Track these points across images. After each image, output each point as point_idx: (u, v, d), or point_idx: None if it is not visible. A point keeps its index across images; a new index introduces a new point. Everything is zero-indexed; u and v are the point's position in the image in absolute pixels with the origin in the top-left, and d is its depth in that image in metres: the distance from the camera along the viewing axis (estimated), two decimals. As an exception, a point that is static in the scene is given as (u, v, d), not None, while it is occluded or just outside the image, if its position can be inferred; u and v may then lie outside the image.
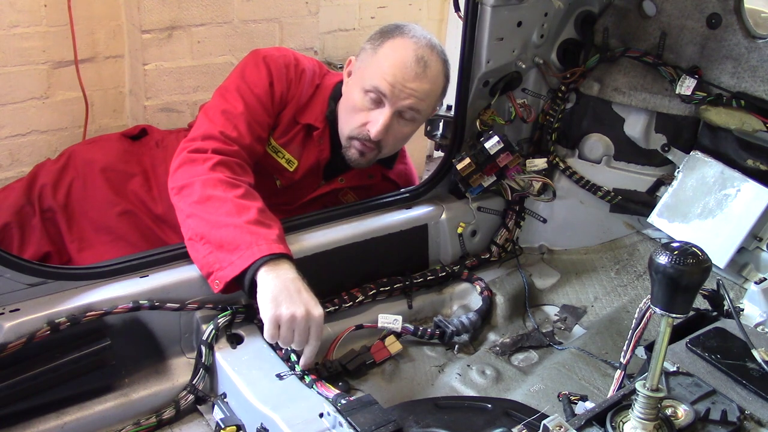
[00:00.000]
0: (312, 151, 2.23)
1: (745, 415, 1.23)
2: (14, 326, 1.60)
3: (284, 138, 2.21)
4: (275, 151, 2.21)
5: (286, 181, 2.25)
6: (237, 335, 1.82)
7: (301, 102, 2.20)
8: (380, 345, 1.98)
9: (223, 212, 1.82)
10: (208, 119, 2.08)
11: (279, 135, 2.21)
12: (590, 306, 2.34)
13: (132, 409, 1.71)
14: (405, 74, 2.05)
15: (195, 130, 2.07)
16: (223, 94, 2.14)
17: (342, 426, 1.44)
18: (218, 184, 1.89)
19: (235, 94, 2.11)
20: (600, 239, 2.49)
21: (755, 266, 2.16)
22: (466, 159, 2.27)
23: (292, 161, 2.23)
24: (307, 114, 2.21)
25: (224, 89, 2.16)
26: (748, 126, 2.08)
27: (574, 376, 1.96)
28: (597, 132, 2.43)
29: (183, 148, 2.02)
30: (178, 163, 1.99)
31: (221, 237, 1.77)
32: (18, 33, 3.08)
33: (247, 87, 2.12)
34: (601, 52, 2.31)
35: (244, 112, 2.08)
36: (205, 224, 1.81)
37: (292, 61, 2.19)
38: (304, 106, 2.20)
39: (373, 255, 2.14)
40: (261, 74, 2.13)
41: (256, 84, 2.12)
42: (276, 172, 2.24)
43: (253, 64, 2.16)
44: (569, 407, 1.67)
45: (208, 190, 1.87)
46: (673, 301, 1.08)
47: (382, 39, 2.12)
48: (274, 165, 2.23)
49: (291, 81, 2.17)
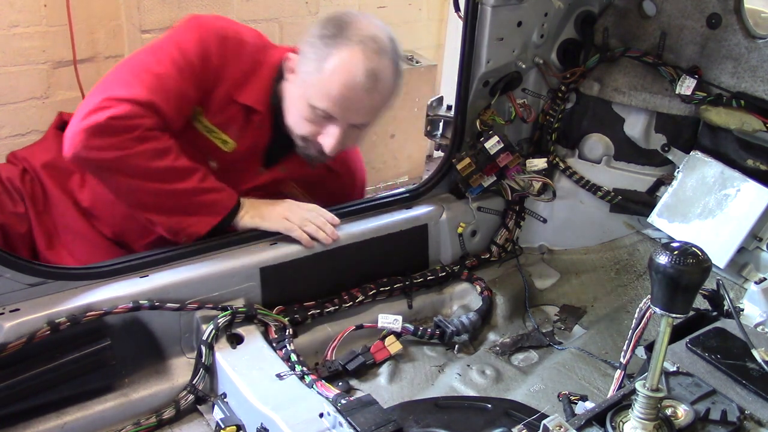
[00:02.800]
0: (250, 133, 2.06)
1: (745, 415, 1.23)
2: (14, 326, 1.60)
3: (219, 117, 2.01)
4: (208, 130, 2.02)
5: (222, 162, 2.06)
6: (237, 335, 1.82)
7: (238, 79, 1.99)
8: (380, 345, 1.98)
9: (170, 180, 1.88)
10: (137, 78, 1.88)
11: (213, 114, 2.01)
12: (590, 306, 2.34)
13: (132, 409, 1.71)
14: (355, 95, 1.91)
15: (120, 85, 1.88)
16: (155, 54, 1.93)
17: (342, 426, 1.44)
18: (154, 156, 1.85)
19: (168, 61, 1.90)
20: (600, 239, 2.49)
21: (755, 266, 2.16)
22: (466, 159, 2.27)
23: (228, 142, 2.04)
24: (245, 93, 2.00)
25: (157, 50, 1.95)
26: (748, 126, 2.08)
27: (574, 376, 1.96)
28: (597, 132, 2.43)
29: (102, 106, 1.81)
30: (95, 125, 1.80)
31: (178, 203, 1.90)
32: (18, 33, 3.09)
33: (182, 56, 1.91)
34: (601, 52, 2.31)
35: (175, 85, 1.89)
36: (156, 196, 1.88)
37: (231, 33, 1.99)
38: (241, 84, 1.99)
39: (373, 255, 2.14)
40: (196, 44, 1.93)
41: (191, 54, 1.91)
42: (210, 152, 2.05)
43: (189, 33, 1.95)
44: (569, 407, 1.67)
45: (146, 162, 1.85)
46: (673, 301, 1.08)
47: (326, 48, 1.90)
48: (207, 145, 2.03)
49: (228, 55, 1.96)
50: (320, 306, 2.01)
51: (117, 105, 1.81)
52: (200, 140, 2.01)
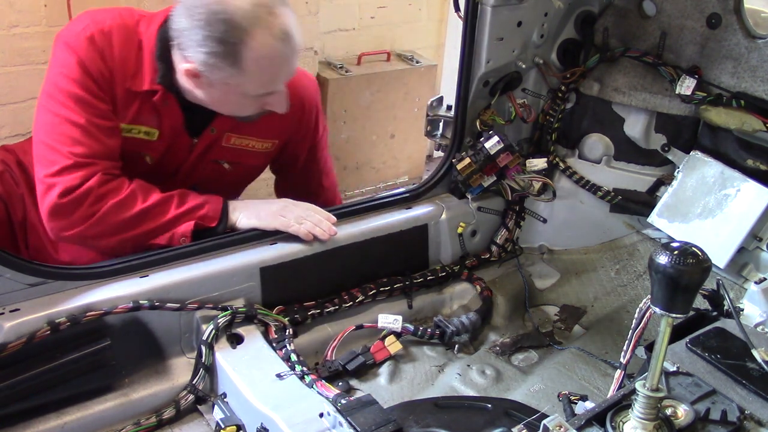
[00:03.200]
0: (164, 114, 1.98)
1: (745, 415, 1.23)
2: (14, 326, 1.60)
3: (129, 114, 1.94)
4: (127, 130, 1.96)
5: (155, 152, 2.03)
6: (237, 335, 1.82)
7: (128, 69, 1.90)
8: (380, 345, 1.98)
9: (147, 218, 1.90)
10: (58, 140, 1.85)
11: (122, 114, 1.94)
12: (590, 306, 2.34)
13: (132, 409, 1.71)
14: (283, 64, 1.90)
15: (48, 156, 1.86)
16: (54, 102, 1.87)
17: (342, 426, 1.44)
18: (122, 208, 1.87)
19: (71, 102, 1.85)
20: (600, 239, 2.49)
21: (755, 266, 2.16)
22: (466, 159, 2.27)
23: (150, 131, 1.99)
24: (138, 81, 1.92)
25: (51, 96, 1.88)
26: (748, 126, 2.08)
27: (574, 376, 1.96)
28: (597, 132, 2.43)
29: (47, 186, 1.84)
30: (51, 208, 1.84)
31: (167, 230, 1.92)
32: (18, 33, 3.08)
33: (77, 87, 1.84)
34: (601, 52, 2.31)
35: (92, 118, 1.86)
36: (145, 236, 1.91)
37: (94, 30, 1.86)
38: (131, 74, 1.91)
39: (373, 255, 2.14)
40: (79, 67, 1.84)
41: (78, 77, 1.84)
42: (140, 149, 2.01)
43: (66, 58, 1.86)
44: (569, 407, 1.67)
45: (118, 214, 1.87)
46: (673, 301, 1.08)
47: (230, 47, 1.79)
48: (133, 144, 1.98)
49: (103, 53, 1.86)
50: (320, 306, 2.01)
51: (58, 179, 1.82)
52: (126, 143, 1.97)
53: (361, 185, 4.31)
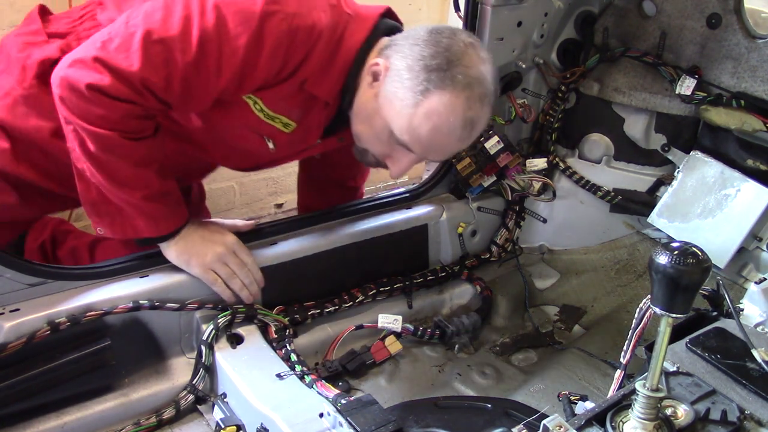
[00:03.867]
0: (315, 116, 1.85)
1: (745, 415, 1.23)
2: (14, 326, 1.60)
3: (283, 105, 1.79)
4: (269, 117, 1.80)
5: (279, 141, 1.88)
6: (237, 335, 1.82)
7: (313, 72, 1.73)
8: (380, 345, 1.98)
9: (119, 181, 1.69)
10: (146, 51, 1.58)
11: (276, 102, 1.78)
12: (590, 306, 2.34)
13: (132, 409, 1.71)
14: (447, 142, 1.72)
15: (104, 43, 1.61)
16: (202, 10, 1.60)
17: (342, 426, 1.44)
18: (117, 146, 1.65)
19: (206, 41, 1.60)
20: (600, 239, 2.49)
21: (755, 266, 2.16)
22: (466, 159, 2.27)
23: (289, 124, 1.83)
24: (318, 86, 1.76)
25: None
26: (748, 126, 2.08)
27: (574, 376, 1.96)
28: (597, 132, 2.43)
29: (96, 65, 1.59)
30: (82, 92, 1.59)
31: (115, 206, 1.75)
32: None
33: (230, 50, 1.62)
34: (601, 52, 2.31)
35: (209, 74, 1.63)
36: (101, 184, 1.70)
37: (304, 28, 1.65)
38: (315, 77, 1.74)
39: (373, 255, 2.14)
40: (269, 53, 1.63)
41: (238, 55, 1.62)
42: (268, 134, 1.86)
43: (245, 29, 1.61)
44: (569, 407, 1.67)
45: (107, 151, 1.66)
46: (673, 301, 1.08)
47: (427, 82, 1.64)
48: (266, 128, 1.84)
49: (297, 55, 1.67)
50: (320, 306, 2.01)
51: (100, 69, 1.59)
52: (260, 125, 1.81)
53: (361, 185, 4.30)
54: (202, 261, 1.81)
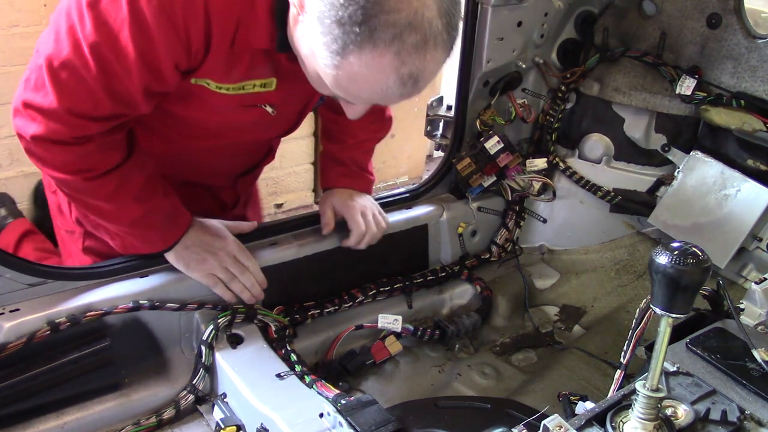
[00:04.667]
0: (286, 62, 1.60)
1: (745, 415, 1.23)
2: (14, 326, 1.60)
3: (236, 73, 1.58)
4: (239, 88, 1.61)
5: (275, 101, 1.71)
6: (237, 335, 1.82)
7: (227, 28, 1.48)
8: (380, 345, 1.98)
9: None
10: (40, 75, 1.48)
11: (225, 75, 1.58)
12: (590, 306, 2.34)
13: (132, 409, 1.71)
14: (388, 99, 1.43)
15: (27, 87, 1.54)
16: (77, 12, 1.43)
17: (342, 426, 1.44)
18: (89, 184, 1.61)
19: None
20: (600, 239, 2.49)
21: (755, 266, 2.16)
22: (466, 159, 2.27)
23: (267, 82, 1.64)
24: (249, 39, 1.52)
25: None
26: (748, 126, 2.08)
27: (574, 376, 1.96)
28: (597, 132, 2.43)
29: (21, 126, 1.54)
30: (31, 144, 1.55)
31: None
32: (18, 33, 3.08)
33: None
34: (601, 52, 2.31)
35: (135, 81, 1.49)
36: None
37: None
38: (242, 30, 1.50)
39: (373, 255, 2.13)
40: (135, 37, 1.42)
41: (131, 51, 1.43)
42: (259, 102, 1.69)
43: (121, 21, 1.41)
44: (569, 407, 1.67)
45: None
46: (673, 301, 1.08)
47: (343, 40, 1.31)
48: (250, 99, 1.67)
49: (195, 22, 1.43)
50: (320, 306, 2.01)
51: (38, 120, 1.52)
52: (240, 99, 1.65)
53: (361, 185, 4.30)
54: (202, 266, 1.80)
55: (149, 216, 1.72)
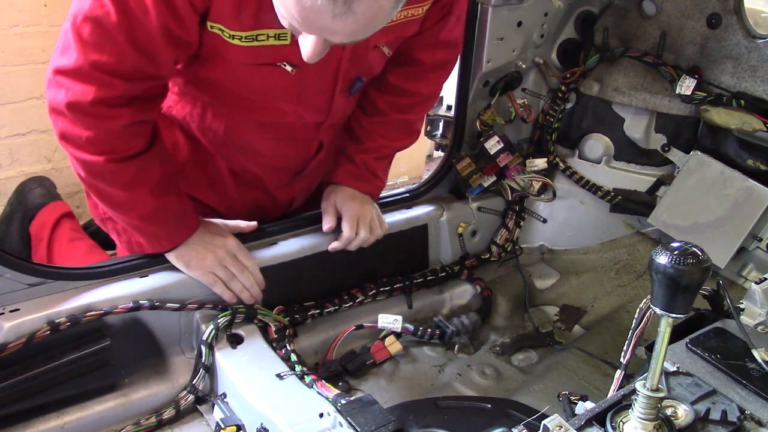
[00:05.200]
0: None
1: (745, 415, 1.23)
2: (14, 326, 1.60)
3: (246, 18, 1.52)
4: (252, 38, 1.55)
5: (295, 59, 1.60)
6: (237, 335, 1.82)
7: None
8: (380, 345, 1.98)
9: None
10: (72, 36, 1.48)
11: (234, 19, 1.52)
12: (590, 306, 2.34)
13: (132, 409, 1.71)
14: (317, 18, 1.28)
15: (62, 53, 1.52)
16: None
17: (342, 426, 1.44)
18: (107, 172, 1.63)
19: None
20: (600, 239, 2.49)
21: (755, 266, 2.16)
22: (466, 159, 2.27)
23: (282, 33, 1.56)
24: None
25: None
26: (748, 126, 2.08)
27: (574, 376, 1.96)
28: (597, 132, 2.43)
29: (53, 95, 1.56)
30: (65, 114, 1.56)
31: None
32: (18, 33, 3.08)
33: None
34: (601, 52, 2.31)
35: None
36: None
37: None
38: None
39: (373, 255, 2.13)
40: None
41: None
42: (277, 59, 1.62)
43: None
44: (569, 407, 1.67)
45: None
46: (673, 301, 1.08)
47: None
48: (267, 54, 1.60)
49: None
50: (320, 306, 2.01)
51: (70, 84, 1.53)
52: (257, 54, 1.59)
53: (361, 185, 4.30)
54: (202, 264, 1.81)
55: (161, 212, 1.74)
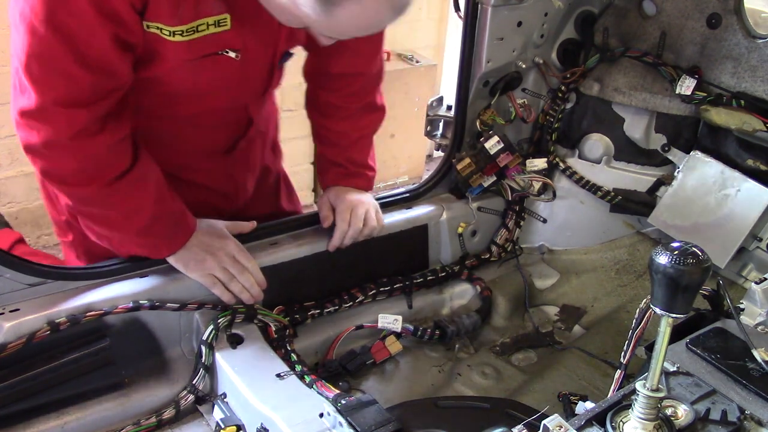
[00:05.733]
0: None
1: (745, 415, 1.23)
2: (14, 326, 1.59)
3: (185, 9, 1.49)
4: (192, 31, 1.51)
5: (237, 43, 1.60)
6: (237, 335, 1.82)
7: None
8: (380, 345, 1.98)
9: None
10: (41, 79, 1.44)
11: (169, 14, 1.48)
12: (590, 306, 2.34)
13: (132, 409, 1.71)
14: (375, 30, 1.51)
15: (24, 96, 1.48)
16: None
17: (342, 426, 1.44)
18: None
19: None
20: (600, 239, 2.49)
21: (755, 266, 2.16)
22: (466, 159, 2.27)
23: (221, 19, 1.53)
24: None
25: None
26: (748, 126, 2.08)
27: (574, 376, 1.96)
28: (597, 132, 2.43)
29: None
30: (41, 152, 1.54)
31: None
32: (18, 33, 3.08)
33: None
34: (601, 52, 2.31)
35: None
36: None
37: None
38: None
39: (373, 255, 2.14)
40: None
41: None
42: (220, 47, 1.58)
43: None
44: (569, 407, 1.67)
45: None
46: (673, 301, 1.08)
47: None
48: (209, 44, 1.56)
49: None
50: (320, 306, 2.01)
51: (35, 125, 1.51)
52: (198, 45, 1.54)
53: (361, 185, 4.31)
54: (201, 266, 1.79)
55: (158, 221, 1.72)
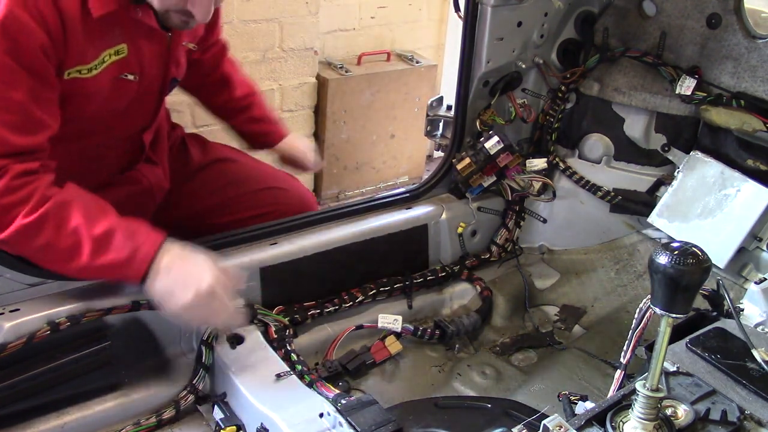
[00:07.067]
0: (127, 22, 1.70)
1: (745, 415, 1.23)
2: (14, 326, 1.59)
3: (90, 48, 1.65)
4: (99, 64, 1.68)
5: (134, 67, 1.77)
6: (237, 335, 1.82)
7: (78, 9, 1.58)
8: (380, 345, 1.98)
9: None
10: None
11: (80, 54, 1.63)
12: (590, 306, 2.34)
13: (132, 409, 1.71)
14: None
15: None
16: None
17: (342, 426, 1.44)
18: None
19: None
20: (600, 239, 2.49)
21: (755, 266, 2.16)
22: (466, 159, 2.27)
23: (119, 50, 1.72)
24: (96, 6, 1.60)
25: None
26: (748, 126, 2.08)
27: (574, 376, 1.96)
28: (597, 132, 2.43)
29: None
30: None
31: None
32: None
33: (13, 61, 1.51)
34: (601, 52, 2.31)
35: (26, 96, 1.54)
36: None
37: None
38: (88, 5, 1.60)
39: (373, 255, 2.14)
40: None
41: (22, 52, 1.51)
42: (121, 72, 1.74)
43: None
44: (569, 407, 1.66)
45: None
46: (673, 301, 1.08)
47: None
48: (112, 71, 1.72)
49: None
50: (320, 306, 2.01)
51: None
52: (106, 74, 1.71)
53: (361, 185, 4.31)
54: (179, 300, 1.60)
55: (113, 234, 1.60)
